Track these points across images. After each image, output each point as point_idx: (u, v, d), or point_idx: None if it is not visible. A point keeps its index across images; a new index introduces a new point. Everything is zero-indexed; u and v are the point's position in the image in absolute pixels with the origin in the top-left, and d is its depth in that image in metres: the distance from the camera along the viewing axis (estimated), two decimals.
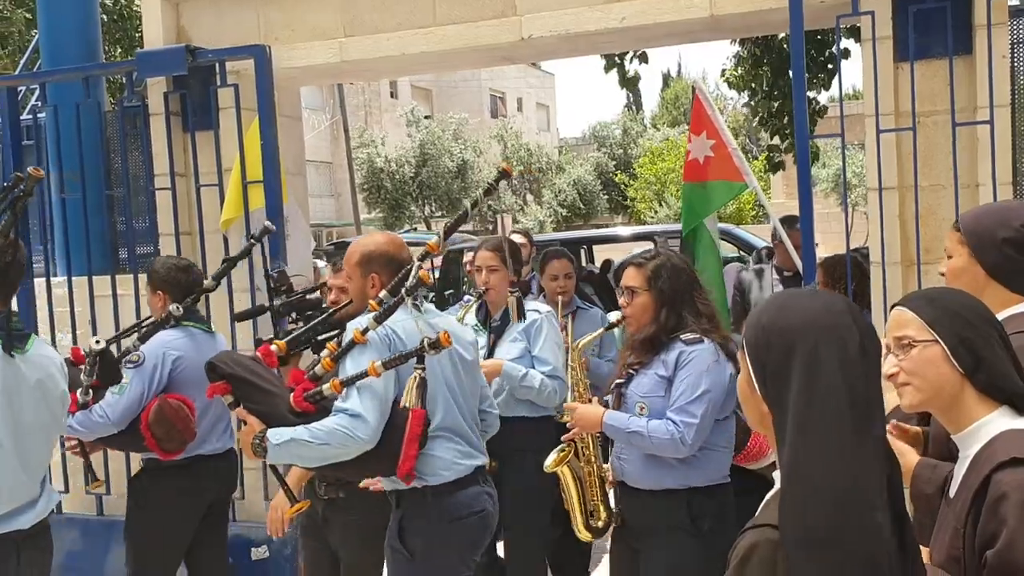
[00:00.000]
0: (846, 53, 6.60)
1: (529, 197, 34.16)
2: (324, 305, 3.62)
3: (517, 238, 5.57)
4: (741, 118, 31.60)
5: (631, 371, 3.07)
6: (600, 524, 3.41)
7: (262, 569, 4.34)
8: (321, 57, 4.57)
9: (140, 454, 3.75)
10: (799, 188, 4.00)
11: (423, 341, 2.68)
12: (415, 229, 22.11)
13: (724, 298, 4.82)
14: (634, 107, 46.75)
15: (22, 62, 7.47)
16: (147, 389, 3.50)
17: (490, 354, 3.86)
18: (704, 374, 2.92)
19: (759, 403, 1.53)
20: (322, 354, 2.88)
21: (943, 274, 2.62)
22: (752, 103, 7.59)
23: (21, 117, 5.23)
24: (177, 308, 3.64)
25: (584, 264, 10.77)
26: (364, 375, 2.67)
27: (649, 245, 9.97)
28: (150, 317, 3.84)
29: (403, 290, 2.85)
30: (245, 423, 2.81)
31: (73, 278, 4.81)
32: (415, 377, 2.74)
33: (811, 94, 7.28)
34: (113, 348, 3.64)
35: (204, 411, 3.68)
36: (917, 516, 2.02)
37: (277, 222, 4.32)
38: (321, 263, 5.86)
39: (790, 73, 6.11)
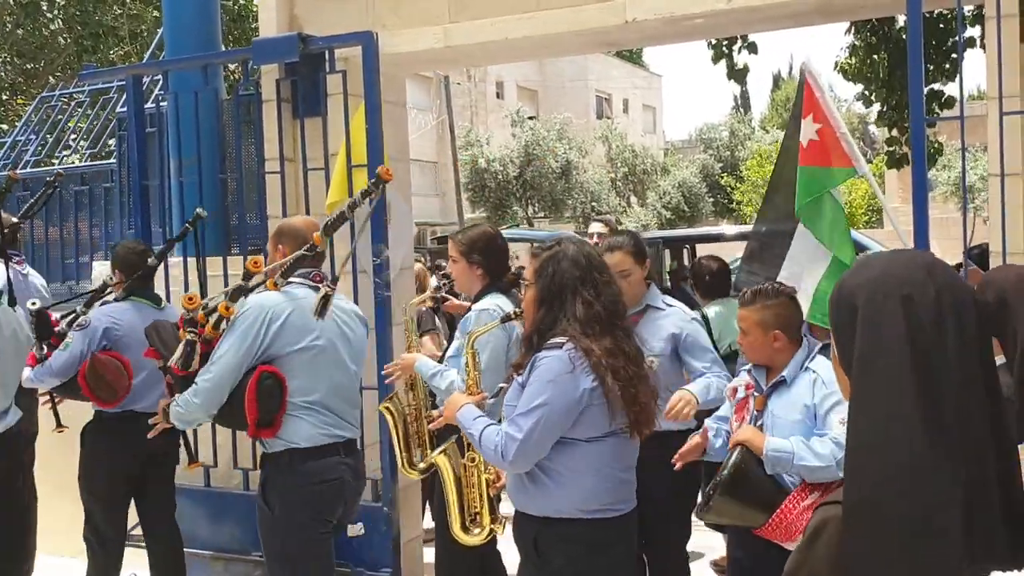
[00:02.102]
0: (971, 42, 6.28)
1: (633, 199, 33.88)
2: None
3: (598, 227, 5.48)
4: (855, 120, 30.58)
5: (516, 374, 2.71)
6: (478, 530, 3.18)
7: (359, 545, 4.42)
8: (426, 43, 4.63)
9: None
10: (913, 180, 3.82)
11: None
12: (517, 226, 22.22)
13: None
14: (742, 109, 45.83)
15: (147, 54, 7.84)
16: (86, 348, 4.07)
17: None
18: (547, 384, 2.53)
19: (840, 373, 1.40)
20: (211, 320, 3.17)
21: None
22: (867, 92, 7.29)
23: (145, 106, 5.50)
24: (110, 278, 4.32)
25: (685, 263, 10.61)
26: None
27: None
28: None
29: (264, 272, 3.12)
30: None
31: (188, 259, 5.02)
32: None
33: (936, 86, 6.96)
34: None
35: (140, 371, 4.12)
36: None
37: (380, 206, 4.41)
38: (417, 265, 5.95)
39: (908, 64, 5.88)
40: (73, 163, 7.19)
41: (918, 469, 1.24)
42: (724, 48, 7.09)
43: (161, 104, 5.48)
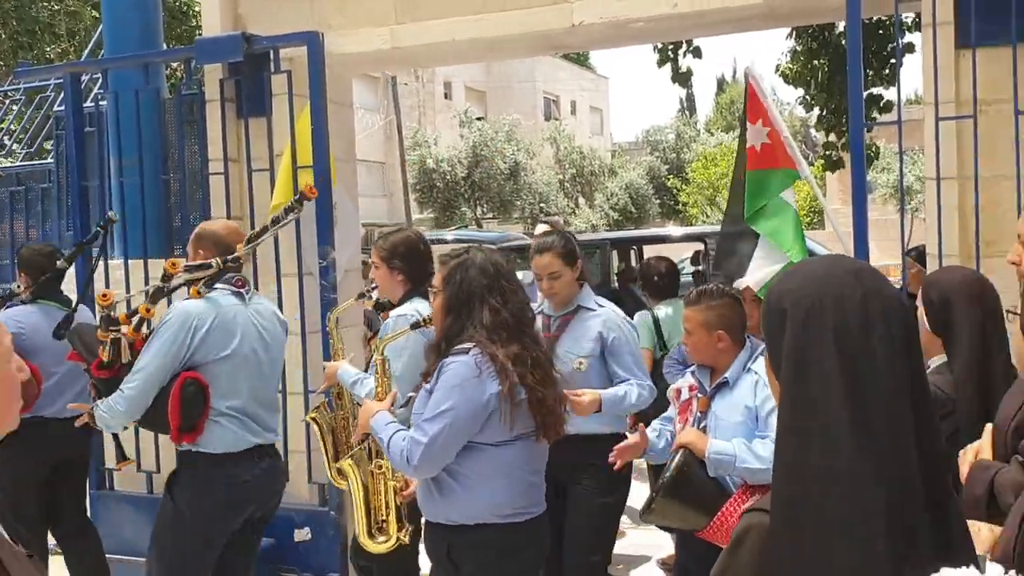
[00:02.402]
0: (909, 47, 6.44)
1: (581, 200, 34.07)
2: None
3: (544, 229, 5.49)
4: (798, 123, 31.15)
5: (424, 381, 2.71)
6: (384, 538, 3.20)
7: (305, 550, 4.37)
8: (373, 44, 4.61)
9: None
10: (853, 182, 3.90)
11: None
12: (466, 227, 22.19)
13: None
14: (688, 111, 46.39)
15: (86, 52, 7.67)
16: None
17: None
18: (453, 389, 2.54)
19: (772, 377, 1.40)
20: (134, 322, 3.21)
21: (1015, 263, 2.53)
22: (807, 97, 7.44)
23: (84, 105, 5.38)
24: (17, 286, 4.20)
25: (633, 264, 10.70)
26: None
27: (699, 246, 9.91)
28: None
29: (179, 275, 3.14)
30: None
31: (129, 260, 4.92)
32: None
33: (875, 90, 7.12)
34: None
35: (49, 376, 4.06)
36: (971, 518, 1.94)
37: (326, 207, 4.38)
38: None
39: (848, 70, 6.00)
40: (9, 163, 7.00)
41: (843, 473, 1.24)
42: (669, 52, 7.17)
43: (101, 103, 5.36)
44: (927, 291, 2.60)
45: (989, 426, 2.28)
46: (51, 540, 4.59)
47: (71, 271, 4.81)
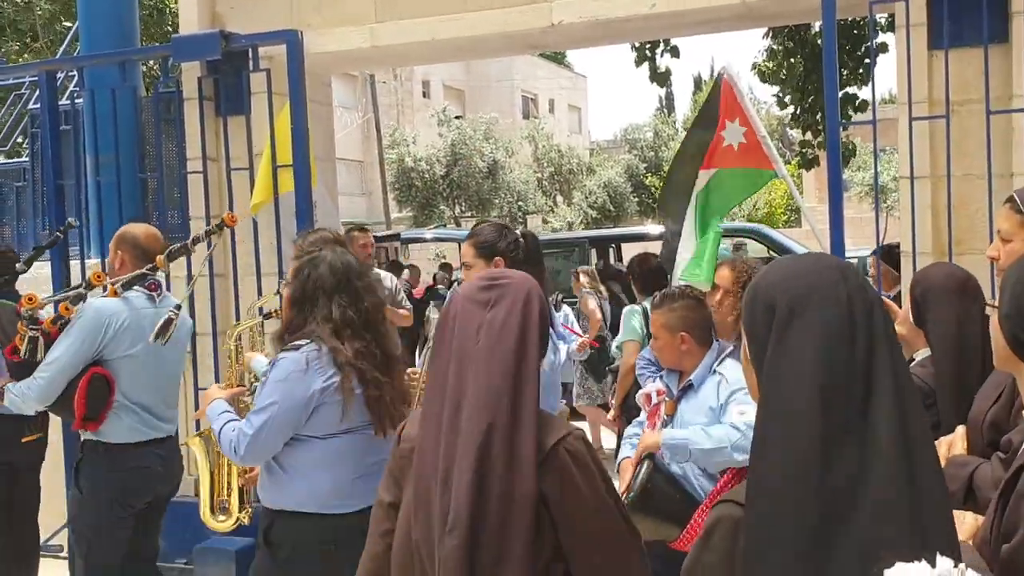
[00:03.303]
0: (883, 47, 6.51)
1: (559, 199, 34.11)
2: None
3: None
4: (775, 122, 31.33)
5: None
6: (224, 517, 3.39)
7: None
8: (352, 42, 4.61)
9: None
10: (829, 179, 3.95)
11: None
12: (444, 225, 22.16)
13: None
14: (666, 110, 46.56)
15: (61, 49, 7.60)
16: None
17: None
18: (278, 384, 2.63)
19: (750, 372, 1.41)
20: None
21: (994, 258, 2.57)
22: (783, 95, 7.51)
23: (60, 103, 5.33)
24: None
25: (612, 262, 10.76)
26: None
27: None
28: None
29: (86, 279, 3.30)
30: None
31: (106, 259, 4.88)
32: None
33: (850, 89, 7.19)
34: None
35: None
36: None
37: (306, 206, 4.38)
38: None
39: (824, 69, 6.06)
40: None
41: (823, 466, 1.25)
42: (647, 52, 7.20)
43: (77, 101, 5.32)
44: (913, 287, 2.66)
45: (961, 428, 2.33)
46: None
47: (46, 271, 4.79)
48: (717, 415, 2.97)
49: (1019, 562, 1.47)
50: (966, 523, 1.73)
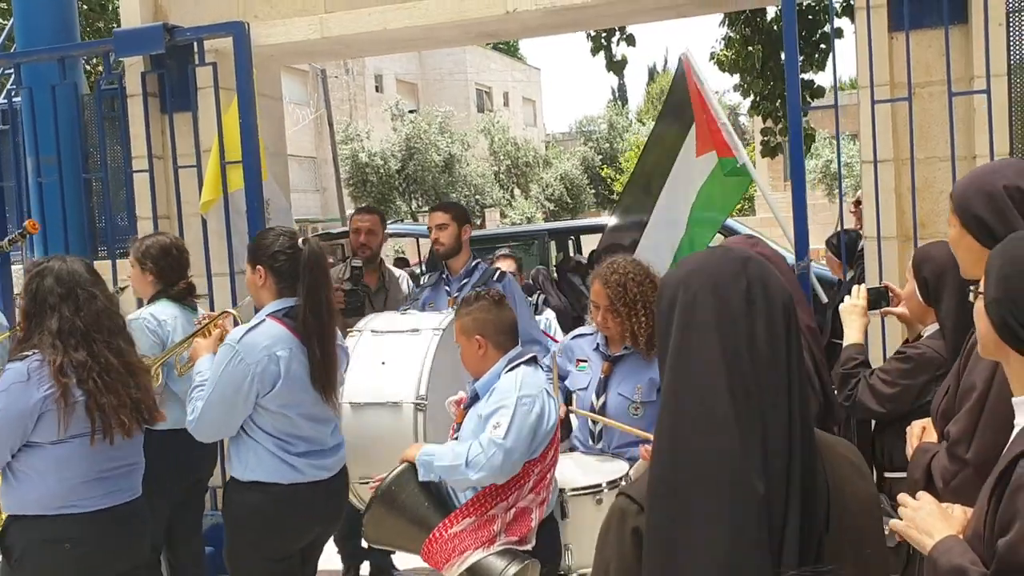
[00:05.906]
0: (839, 32, 6.51)
1: (517, 192, 34.06)
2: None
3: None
4: (727, 110, 31.58)
5: None
6: None
7: None
8: (301, 33, 4.47)
9: None
10: (791, 166, 3.92)
11: None
12: (402, 220, 21.97)
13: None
14: (620, 101, 46.72)
15: None
16: None
17: None
18: (1, 394, 2.70)
19: (661, 366, 1.40)
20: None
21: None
22: (743, 84, 7.48)
23: None
24: None
25: (572, 254, 10.71)
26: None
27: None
28: None
29: None
30: None
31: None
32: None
33: (806, 76, 7.19)
34: None
35: None
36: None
37: (257, 203, 4.24)
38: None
39: (782, 55, 6.04)
40: None
41: (724, 458, 1.27)
42: (603, 40, 7.14)
43: (14, 99, 5.10)
44: (920, 266, 2.72)
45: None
46: None
47: None
48: (484, 422, 2.84)
49: (1017, 555, 1.44)
50: (955, 516, 1.69)
